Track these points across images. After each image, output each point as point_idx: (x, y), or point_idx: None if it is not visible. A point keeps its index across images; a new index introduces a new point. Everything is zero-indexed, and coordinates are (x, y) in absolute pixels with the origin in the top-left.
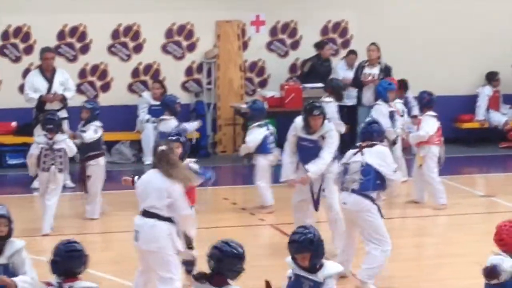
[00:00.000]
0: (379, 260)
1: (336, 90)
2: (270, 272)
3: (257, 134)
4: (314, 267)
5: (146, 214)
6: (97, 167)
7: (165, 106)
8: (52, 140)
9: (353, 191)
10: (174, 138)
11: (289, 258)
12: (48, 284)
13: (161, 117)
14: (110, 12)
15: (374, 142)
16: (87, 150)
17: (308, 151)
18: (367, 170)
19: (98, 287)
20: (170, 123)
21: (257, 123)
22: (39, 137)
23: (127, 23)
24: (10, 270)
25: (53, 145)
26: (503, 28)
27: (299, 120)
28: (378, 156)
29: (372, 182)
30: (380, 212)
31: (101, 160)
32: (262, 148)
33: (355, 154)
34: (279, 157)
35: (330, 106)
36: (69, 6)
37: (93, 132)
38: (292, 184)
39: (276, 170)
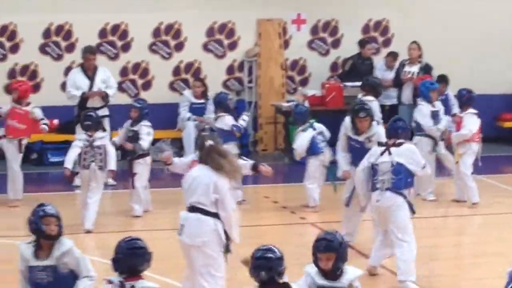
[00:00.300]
0: (411, 256)
1: (373, 87)
2: None
3: (302, 138)
4: (335, 272)
5: (193, 209)
6: (144, 166)
7: (218, 104)
8: (92, 137)
9: (386, 189)
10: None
11: (309, 269)
12: (109, 282)
13: (217, 115)
14: (152, 10)
15: (401, 141)
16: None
17: (356, 151)
18: (398, 170)
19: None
20: (226, 120)
21: (301, 128)
22: (79, 134)
23: (168, 22)
24: (59, 272)
25: (93, 142)
26: None
27: (348, 120)
28: (406, 155)
29: (404, 180)
30: (411, 208)
31: (148, 159)
32: (312, 150)
33: (382, 153)
34: (331, 156)
35: (373, 104)
36: (111, 5)
37: (146, 136)
38: (346, 175)
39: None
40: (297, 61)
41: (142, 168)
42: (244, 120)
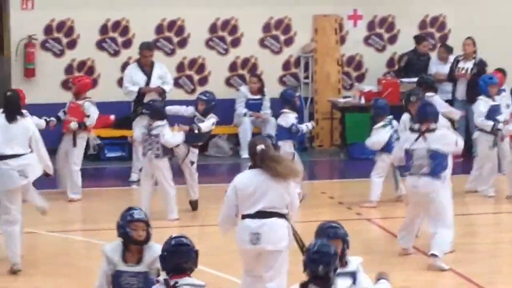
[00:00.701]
0: (448, 238)
1: (429, 84)
2: (365, 266)
3: (382, 134)
4: (342, 261)
5: (264, 214)
6: (195, 156)
7: (285, 100)
8: (151, 126)
9: (423, 174)
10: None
11: None
12: (157, 281)
13: (282, 110)
14: (208, 6)
15: (433, 126)
16: (197, 138)
17: None
18: (435, 155)
19: (205, 285)
20: (289, 118)
21: (382, 123)
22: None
23: (224, 18)
24: (150, 278)
25: (151, 131)
26: None
27: (404, 117)
28: (440, 140)
29: (441, 165)
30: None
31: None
32: (386, 147)
33: (416, 139)
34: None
35: (435, 99)
36: (168, 1)
37: (211, 124)
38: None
39: None
40: (353, 57)
41: (195, 157)
42: (307, 126)
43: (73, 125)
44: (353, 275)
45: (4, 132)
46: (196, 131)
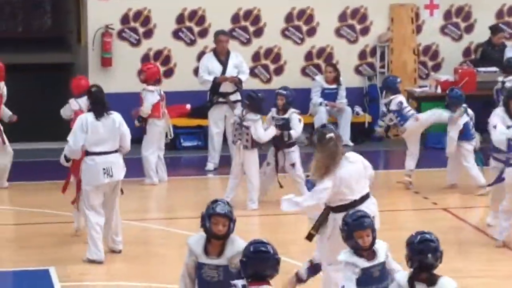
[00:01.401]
0: None
1: None
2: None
3: (459, 124)
4: (372, 248)
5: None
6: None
7: (387, 88)
8: (243, 116)
9: None
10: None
11: (345, 257)
12: (234, 285)
13: (388, 98)
14: None
15: None
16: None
17: None
18: None
19: None
20: (399, 98)
21: (458, 113)
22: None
23: (300, 7)
24: (231, 272)
25: (243, 121)
26: None
27: (499, 111)
28: None
29: None
30: None
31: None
32: (464, 135)
33: None
34: (480, 141)
35: None
36: None
37: (298, 124)
38: None
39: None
40: (429, 46)
41: (297, 156)
42: (412, 115)
43: (136, 121)
44: (383, 265)
45: (94, 130)
46: (286, 139)
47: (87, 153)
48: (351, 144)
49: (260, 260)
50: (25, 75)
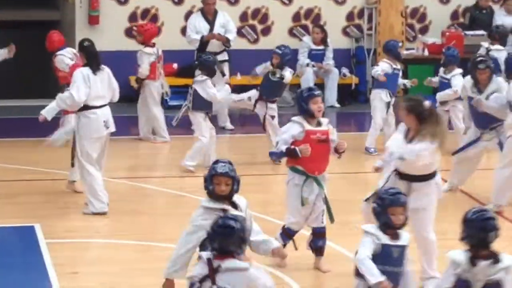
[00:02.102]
0: None
1: (503, 35)
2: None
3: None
4: (402, 227)
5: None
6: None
7: (388, 51)
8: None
9: None
10: (319, 92)
11: (370, 229)
12: (199, 257)
13: (382, 60)
14: None
15: None
16: (274, 93)
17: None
18: None
19: (248, 267)
20: (385, 67)
21: (459, 71)
22: None
23: None
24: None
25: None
26: None
27: (467, 80)
28: None
29: None
30: None
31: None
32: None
33: None
34: None
35: (501, 54)
36: None
37: (290, 74)
38: None
39: None
40: (417, 9)
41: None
42: (405, 83)
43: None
44: (403, 249)
45: (93, 84)
46: (277, 78)
47: (86, 107)
48: (337, 105)
49: (225, 235)
50: (11, 32)
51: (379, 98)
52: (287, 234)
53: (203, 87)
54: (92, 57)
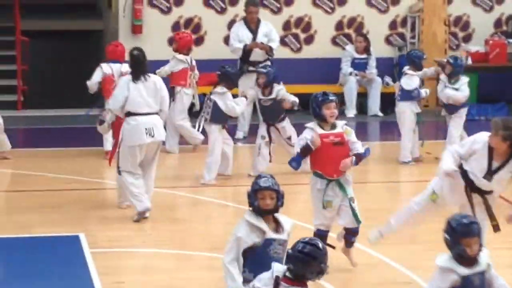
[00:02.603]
0: None
1: None
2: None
3: (467, 91)
4: (478, 255)
5: None
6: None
7: (410, 60)
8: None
9: None
10: (332, 98)
11: (447, 262)
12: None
13: (405, 70)
14: None
15: None
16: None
17: None
18: None
19: None
20: (413, 80)
21: (466, 80)
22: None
23: None
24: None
25: (211, 94)
26: None
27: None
28: None
29: None
30: None
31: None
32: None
33: None
34: None
35: None
36: None
37: (290, 95)
38: None
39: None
40: (460, 17)
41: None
42: (426, 92)
43: None
44: (482, 274)
45: (135, 91)
46: (295, 108)
47: (129, 114)
48: (380, 114)
49: (304, 262)
50: (56, 41)
51: (410, 111)
52: (319, 237)
53: (223, 99)
54: (134, 65)
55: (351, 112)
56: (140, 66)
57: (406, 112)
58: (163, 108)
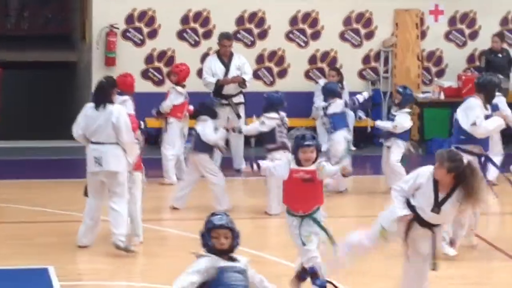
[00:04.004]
0: None
1: (483, 87)
2: None
3: (407, 121)
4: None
5: None
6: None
7: (328, 92)
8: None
9: None
10: (309, 143)
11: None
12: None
13: (328, 102)
14: None
15: None
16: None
17: None
18: None
19: None
20: (338, 102)
21: (408, 110)
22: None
23: (305, 10)
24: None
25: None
26: None
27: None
28: None
29: None
30: None
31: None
32: (404, 134)
33: None
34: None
35: (500, 100)
36: None
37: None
38: None
39: None
40: (433, 52)
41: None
42: (364, 96)
43: (153, 111)
44: None
45: (90, 119)
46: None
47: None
48: (353, 148)
49: None
50: (30, 72)
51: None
52: (312, 274)
53: (203, 126)
54: (96, 92)
55: (324, 146)
56: (102, 94)
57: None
58: (120, 139)
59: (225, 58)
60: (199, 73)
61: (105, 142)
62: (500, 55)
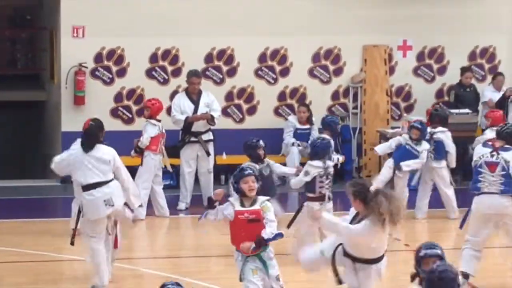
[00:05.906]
0: None
1: (442, 118)
2: None
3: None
4: None
5: None
6: None
7: (326, 125)
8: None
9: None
10: (249, 172)
11: None
12: None
13: (320, 135)
14: (258, 35)
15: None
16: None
17: None
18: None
19: None
20: None
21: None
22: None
23: (274, 47)
24: None
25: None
26: None
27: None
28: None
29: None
30: None
31: None
32: None
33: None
34: None
35: (444, 136)
36: (217, 30)
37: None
38: None
39: None
40: (402, 87)
41: None
42: (338, 159)
43: (132, 152)
44: None
45: (81, 162)
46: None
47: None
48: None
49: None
50: None
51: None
52: None
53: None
54: (87, 137)
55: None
56: (93, 138)
57: None
58: (118, 178)
59: (194, 95)
60: (168, 111)
61: (101, 182)
62: (468, 90)
